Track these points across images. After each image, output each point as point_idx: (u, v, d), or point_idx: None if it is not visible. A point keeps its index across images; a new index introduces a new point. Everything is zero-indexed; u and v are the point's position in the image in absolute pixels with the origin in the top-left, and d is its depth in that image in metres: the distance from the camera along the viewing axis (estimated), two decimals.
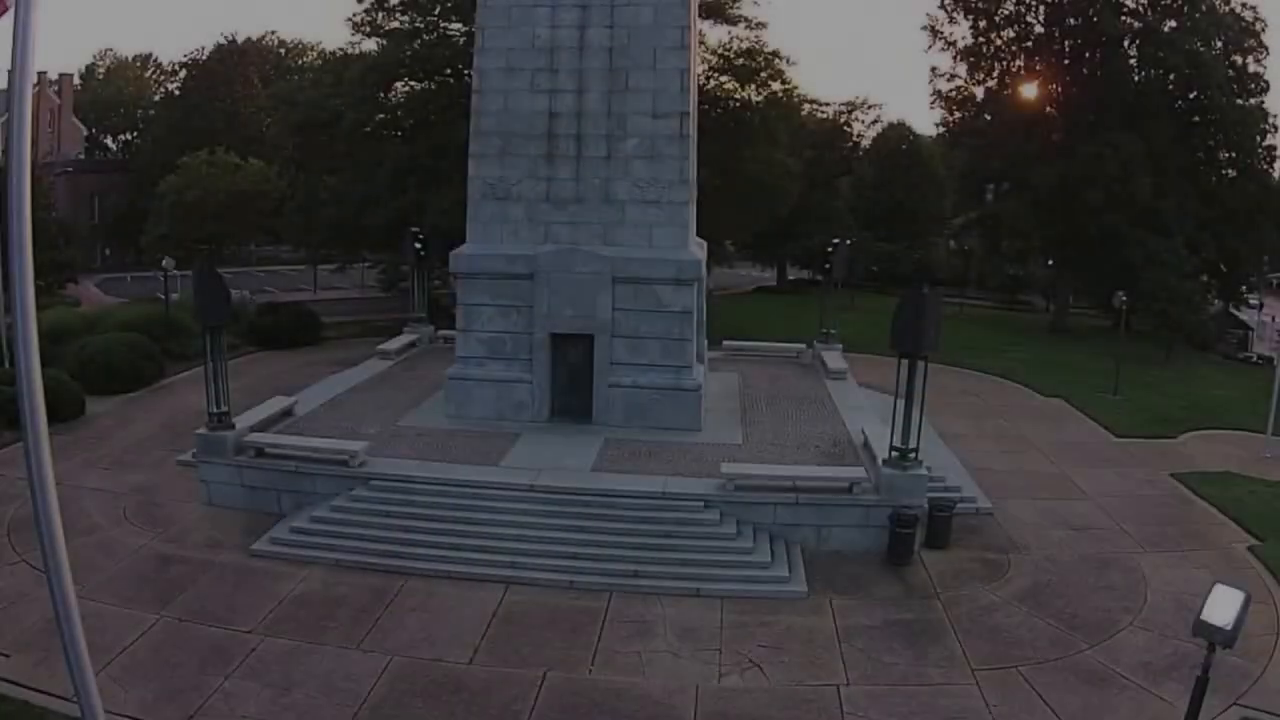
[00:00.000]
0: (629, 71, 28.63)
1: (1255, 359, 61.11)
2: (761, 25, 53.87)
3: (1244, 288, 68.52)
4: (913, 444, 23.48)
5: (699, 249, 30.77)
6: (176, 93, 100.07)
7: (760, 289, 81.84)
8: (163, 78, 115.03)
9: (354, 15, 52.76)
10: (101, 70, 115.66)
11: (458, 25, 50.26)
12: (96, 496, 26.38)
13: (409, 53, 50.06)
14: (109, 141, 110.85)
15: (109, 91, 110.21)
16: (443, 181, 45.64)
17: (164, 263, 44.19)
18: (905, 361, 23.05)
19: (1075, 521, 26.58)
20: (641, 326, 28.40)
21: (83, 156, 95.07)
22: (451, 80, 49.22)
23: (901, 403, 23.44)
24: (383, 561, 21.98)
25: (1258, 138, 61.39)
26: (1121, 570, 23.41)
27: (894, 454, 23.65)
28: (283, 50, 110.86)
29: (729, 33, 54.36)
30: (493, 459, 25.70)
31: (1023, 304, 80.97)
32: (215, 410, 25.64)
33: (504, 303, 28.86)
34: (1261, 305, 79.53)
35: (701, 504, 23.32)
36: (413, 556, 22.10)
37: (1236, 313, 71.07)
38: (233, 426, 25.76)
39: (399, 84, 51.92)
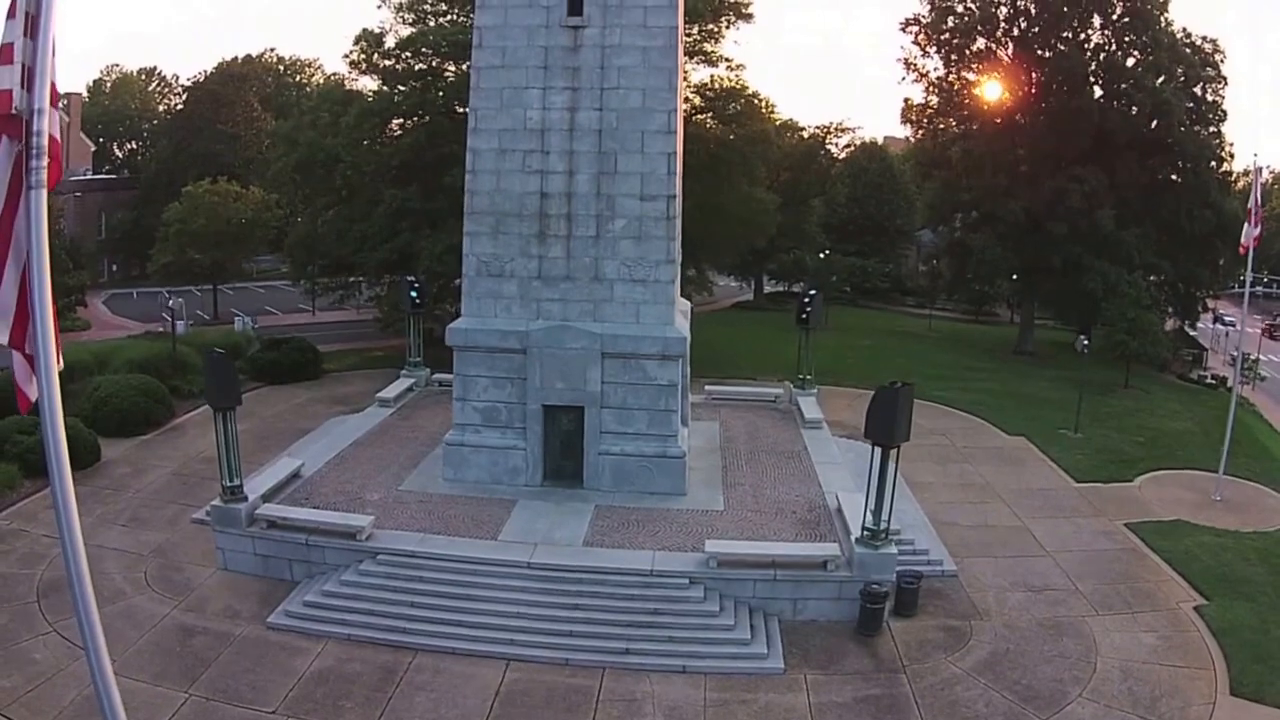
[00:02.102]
0: (618, 154, 30.04)
1: (1210, 379, 63.75)
2: (741, 67, 55.75)
3: (1203, 307, 70.92)
4: (883, 525, 25.33)
5: (683, 319, 32.36)
6: (179, 107, 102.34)
7: (738, 304, 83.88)
8: (166, 90, 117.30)
9: (349, 54, 54.13)
10: (108, 84, 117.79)
11: (452, 66, 51.51)
12: (118, 558, 27.93)
13: (402, 95, 51.43)
14: (115, 149, 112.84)
15: (116, 105, 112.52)
16: (437, 224, 47.15)
17: (170, 303, 45.68)
18: (879, 449, 24.83)
19: (1034, 581, 28.48)
20: (629, 399, 30.11)
21: (90, 172, 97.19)
22: (446, 120, 50.30)
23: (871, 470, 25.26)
24: (391, 638, 23.76)
25: (1214, 164, 63.62)
26: (1074, 636, 25.30)
27: (866, 533, 25.49)
28: (281, 68, 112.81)
29: (711, 75, 56.18)
30: (490, 530, 27.41)
31: (989, 315, 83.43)
32: (228, 484, 27.24)
33: (498, 375, 30.48)
34: (1220, 319, 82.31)
35: (687, 581, 25.15)
36: (419, 633, 23.84)
37: (1191, 332, 73.53)
38: (245, 498, 27.34)
39: (395, 121, 53.08)
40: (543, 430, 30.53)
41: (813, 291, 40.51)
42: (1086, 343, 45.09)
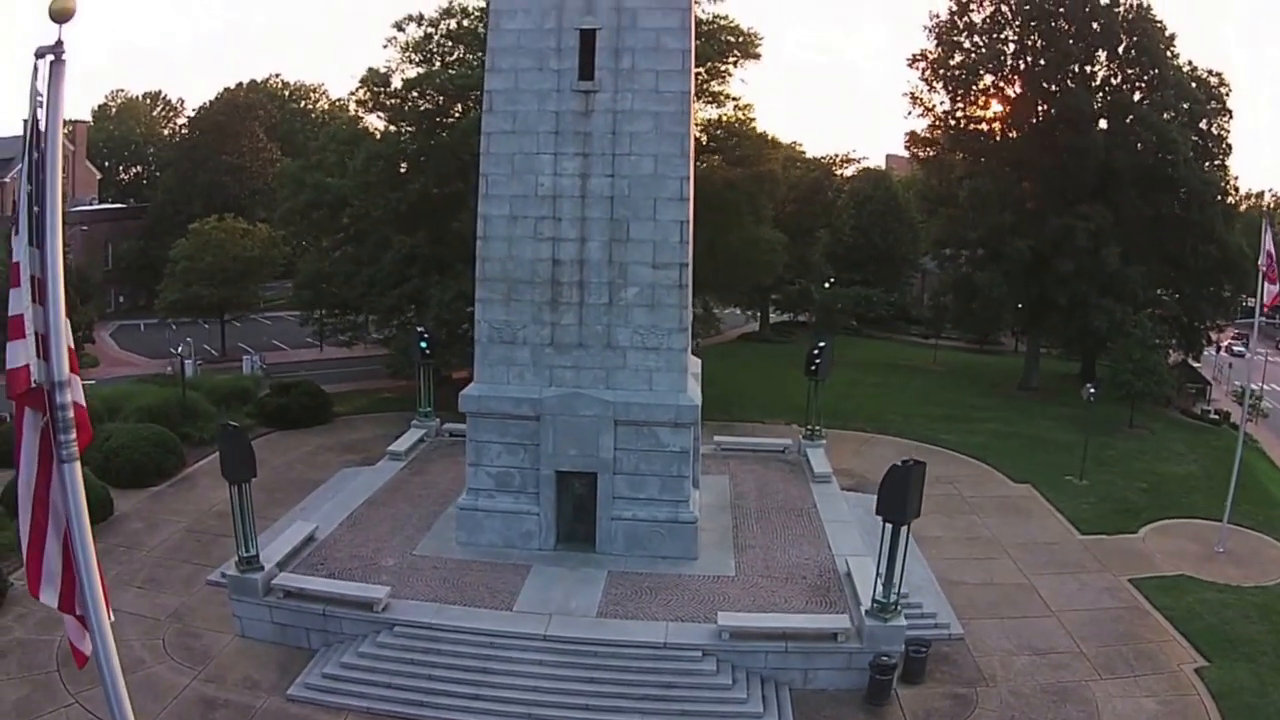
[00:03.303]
0: (630, 222, 30.18)
1: (1213, 414, 64.12)
2: (749, 107, 56.21)
3: (1207, 340, 71.42)
4: (893, 598, 25.70)
5: (695, 381, 32.67)
6: (184, 133, 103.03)
7: (744, 336, 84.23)
8: (171, 114, 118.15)
9: (355, 92, 54.66)
10: (113, 109, 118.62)
11: (459, 107, 51.89)
12: (135, 623, 28.11)
13: (409, 137, 51.86)
14: (121, 173, 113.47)
15: (122, 130, 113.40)
16: (445, 269, 47.52)
17: (179, 349, 46.16)
18: (890, 526, 25.18)
19: (1039, 644, 28.84)
20: (642, 465, 30.40)
21: (96, 201, 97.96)
22: (452, 159, 50.48)
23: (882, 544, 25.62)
24: (410, 711, 24.20)
25: (1219, 197, 64.07)
26: (1077, 702, 25.72)
27: (876, 605, 25.85)
28: (286, 93, 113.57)
29: (719, 114, 56.57)
30: (506, 599, 27.73)
31: (993, 344, 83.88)
32: (244, 554, 27.58)
33: (511, 441, 30.76)
34: (1230, 349, 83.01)
35: (700, 654, 25.51)
36: (437, 706, 24.27)
37: (1195, 364, 74.02)
38: (261, 567, 27.64)
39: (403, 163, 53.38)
40: (556, 495, 30.81)
41: (822, 344, 40.77)
42: (1094, 390, 45.47)
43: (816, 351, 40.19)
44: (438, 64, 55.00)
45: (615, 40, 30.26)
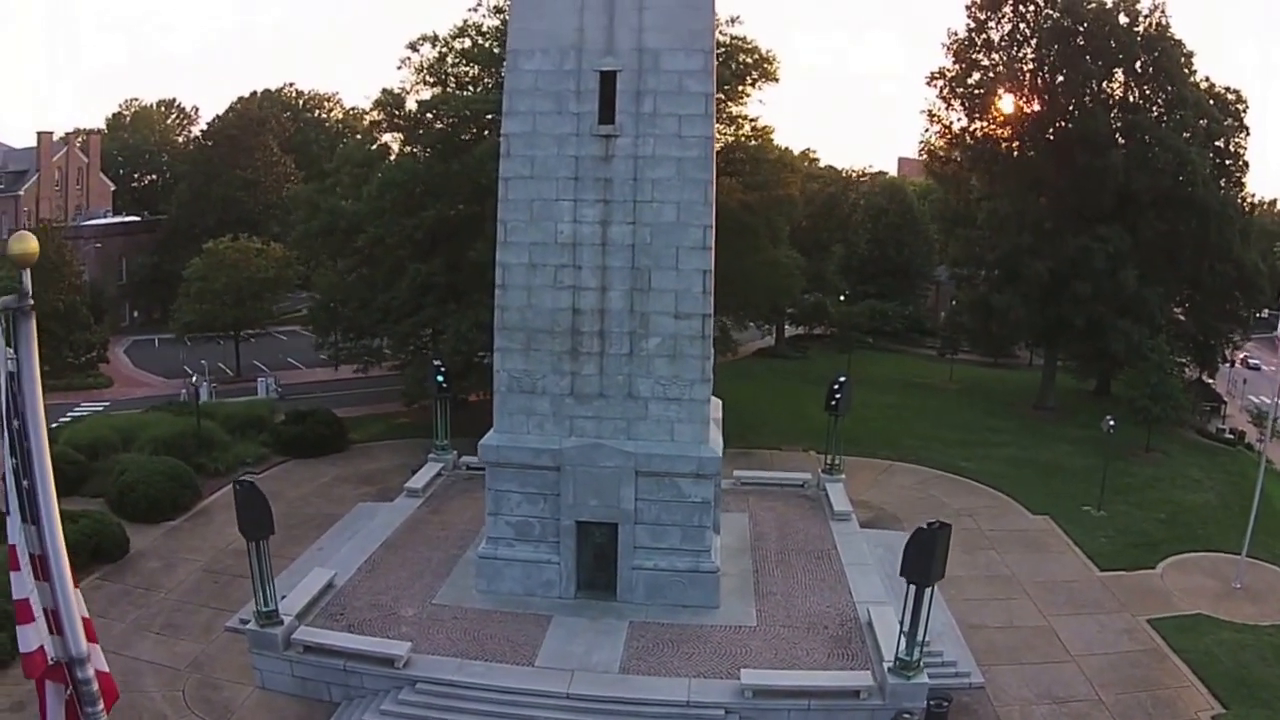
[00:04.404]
0: (651, 271, 29.84)
1: (1228, 433, 64.01)
2: (769, 129, 56.01)
3: (1223, 358, 71.30)
4: (916, 655, 25.60)
5: (716, 429, 32.45)
6: (196, 140, 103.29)
7: (760, 351, 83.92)
8: (185, 122, 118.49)
9: (370, 112, 54.58)
10: (128, 118, 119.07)
11: (474, 128, 51.68)
12: (156, 673, 28.32)
13: (423, 164, 51.75)
14: (136, 181, 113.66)
15: (135, 139, 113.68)
16: (461, 297, 47.39)
17: (193, 379, 46.17)
18: (913, 588, 25.04)
19: (1058, 691, 28.86)
20: (663, 515, 30.21)
21: (110, 213, 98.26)
22: (468, 183, 50.22)
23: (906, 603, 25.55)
24: None
25: (1240, 215, 63.83)
26: None
27: (899, 662, 25.73)
28: (300, 103, 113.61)
29: (735, 135, 56.21)
30: (527, 654, 27.61)
31: (1008, 358, 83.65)
32: (263, 609, 27.45)
33: (531, 491, 30.58)
34: (1245, 362, 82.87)
35: (723, 712, 25.37)
36: None
37: (1209, 380, 73.85)
38: (281, 622, 27.49)
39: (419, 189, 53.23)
40: (576, 545, 30.61)
41: (843, 379, 40.60)
42: (1113, 423, 45.36)
43: (837, 387, 40.00)
44: (452, 84, 54.85)
45: (636, 83, 29.78)
